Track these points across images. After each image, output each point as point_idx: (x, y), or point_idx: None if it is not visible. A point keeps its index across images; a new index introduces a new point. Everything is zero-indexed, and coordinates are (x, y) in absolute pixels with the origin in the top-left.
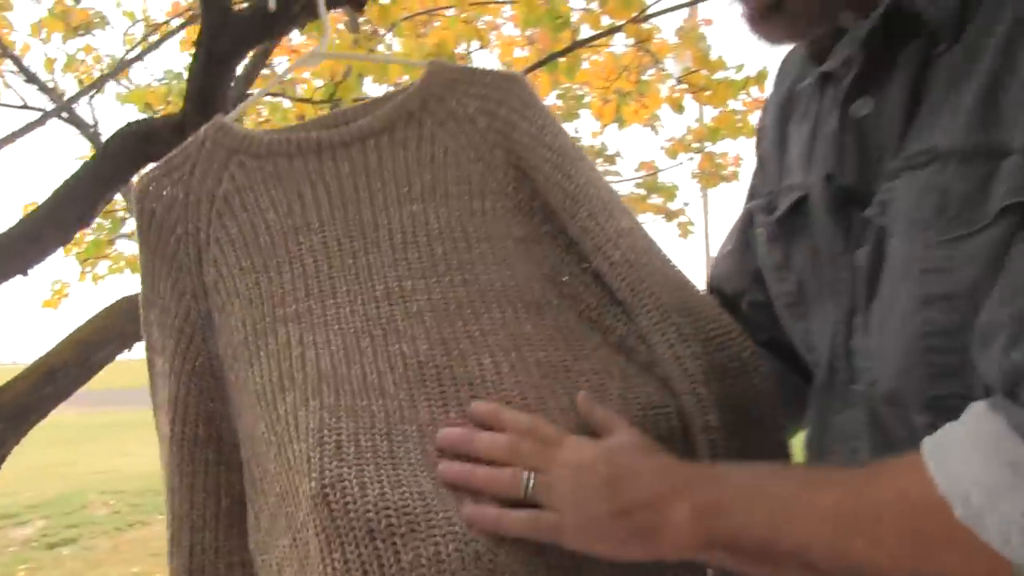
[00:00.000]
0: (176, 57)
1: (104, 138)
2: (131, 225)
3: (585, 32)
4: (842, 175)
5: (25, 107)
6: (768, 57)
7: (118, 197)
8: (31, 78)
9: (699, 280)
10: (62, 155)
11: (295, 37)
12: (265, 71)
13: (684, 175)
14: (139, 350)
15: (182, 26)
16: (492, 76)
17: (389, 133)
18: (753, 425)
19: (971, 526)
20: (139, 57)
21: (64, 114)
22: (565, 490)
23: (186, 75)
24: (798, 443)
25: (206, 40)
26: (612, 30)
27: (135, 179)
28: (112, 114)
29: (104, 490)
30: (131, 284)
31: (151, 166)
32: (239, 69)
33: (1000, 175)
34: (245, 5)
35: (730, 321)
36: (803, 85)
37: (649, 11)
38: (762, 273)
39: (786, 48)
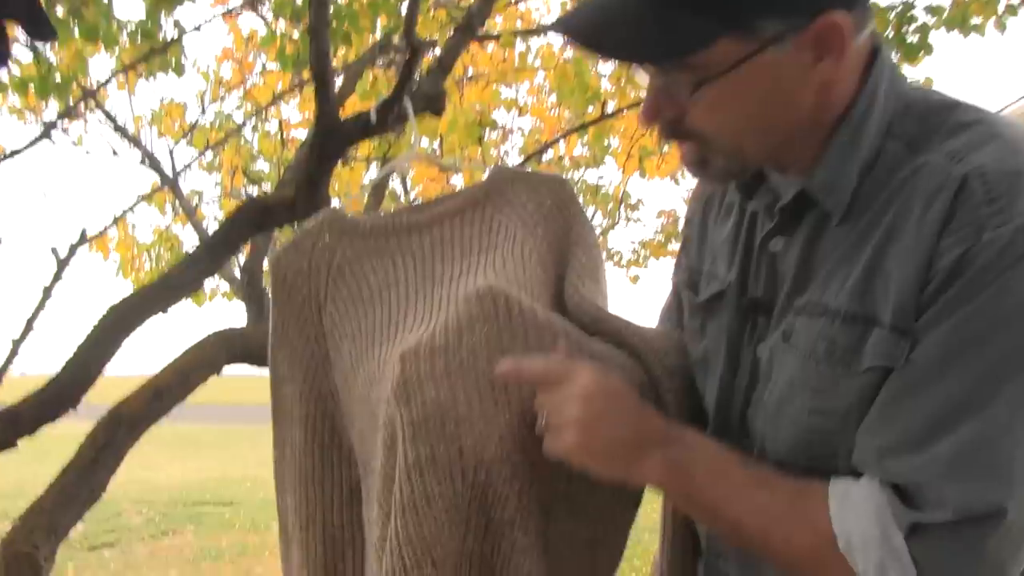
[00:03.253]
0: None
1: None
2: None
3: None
4: (755, 289)
5: (115, 154)
6: None
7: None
8: (121, 131)
9: None
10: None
11: None
12: None
13: None
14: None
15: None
16: (544, 177)
17: (460, 216)
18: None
19: (846, 556)
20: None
21: (147, 160)
22: (576, 414)
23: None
24: None
25: (318, 141)
26: (637, 103)
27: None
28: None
29: (136, 500)
30: (184, 309)
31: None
32: None
33: (871, 339)
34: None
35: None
36: (729, 198)
37: None
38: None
39: None
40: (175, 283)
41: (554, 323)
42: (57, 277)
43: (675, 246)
